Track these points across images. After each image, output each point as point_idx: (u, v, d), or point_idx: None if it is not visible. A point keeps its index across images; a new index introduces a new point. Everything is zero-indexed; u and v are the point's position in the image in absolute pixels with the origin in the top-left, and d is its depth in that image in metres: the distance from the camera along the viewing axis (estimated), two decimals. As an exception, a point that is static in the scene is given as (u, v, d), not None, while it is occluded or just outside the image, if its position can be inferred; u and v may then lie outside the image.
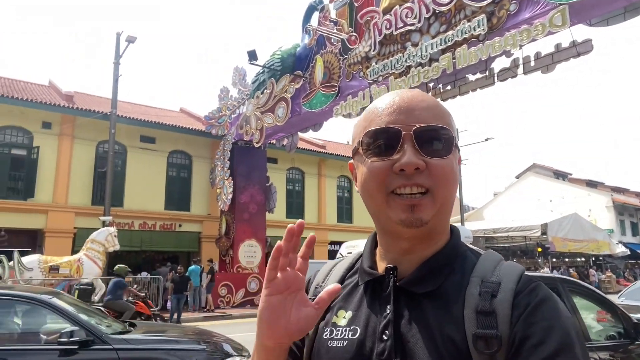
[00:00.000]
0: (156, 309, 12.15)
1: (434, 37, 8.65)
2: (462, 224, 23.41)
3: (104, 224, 12.67)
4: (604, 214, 29.95)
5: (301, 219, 0.71)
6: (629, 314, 3.59)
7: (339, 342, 0.76)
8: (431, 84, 9.01)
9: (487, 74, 8.27)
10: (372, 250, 0.84)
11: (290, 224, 0.67)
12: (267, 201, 16.14)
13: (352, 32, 10.78)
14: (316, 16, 12.32)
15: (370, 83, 9.99)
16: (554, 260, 23.08)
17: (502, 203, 33.51)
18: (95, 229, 12.10)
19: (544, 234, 20.28)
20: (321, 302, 0.69)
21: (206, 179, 17.13)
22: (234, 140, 15.64)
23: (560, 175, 37.58)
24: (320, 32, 11.80)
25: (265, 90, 13.80)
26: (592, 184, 36.70)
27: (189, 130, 16.77)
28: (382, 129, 0.73)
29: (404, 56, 9.16)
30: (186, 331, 4.33)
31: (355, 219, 21.69)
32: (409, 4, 9.07)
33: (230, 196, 14.91)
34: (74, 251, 13.33)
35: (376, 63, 9.86)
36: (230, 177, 15.24)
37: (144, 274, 13.77)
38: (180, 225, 16.41)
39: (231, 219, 15.46)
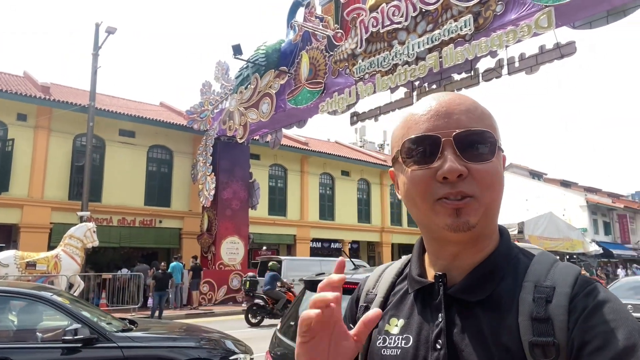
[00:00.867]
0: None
1: (420, 36, 8.70)
2: (442, 221, 23.67)
3: (81, 219, 12.37)
4: (578, 213, 30.74)
5: (342, 275, 0.67)
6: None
7: (392, 351, 0.75)
8: (417, 83, 9.07)
9: (472, 73, 8.36)
10: (421, 256, 0.82)
11: (320, 296, 0.62)
12: (250, 197, 16.03)
13: (338, 29, 10.76)
14: (301, 12, 12.25)
15: (356, 80, 10.00)
16: (530, 257, 23.55)
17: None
18: (72, 224, 11.81)
19: (520, 232, 20.70)
20: (360, 335, 0.66)
21: (187, 175, 16.91)
22: (216, 136, 15.47)
23: (536, 175, 38.39)
24: (305, 28, 11.74)
25: (250, 86, 13.67)
26: (566, 183, 37.61)
27: (170, 125, 16.52)
28: (421, 137, 0.71)
29: (390, 54, 9.19)
30: (186, 329, 4.25)
31: (337, 216, 21.74)
32: (395, 2, 9.10)
33: (212, 192, 14.75)
34: (50, 247, 12.99)
35: (362, 60, 9.87)
36: (213, 173, 15.08)
37: (124, 271, 13.51)
38: (160, 222, 16.16)
39: (213, 215, 15.30)
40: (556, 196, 31.52)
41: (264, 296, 10.37)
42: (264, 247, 17.96)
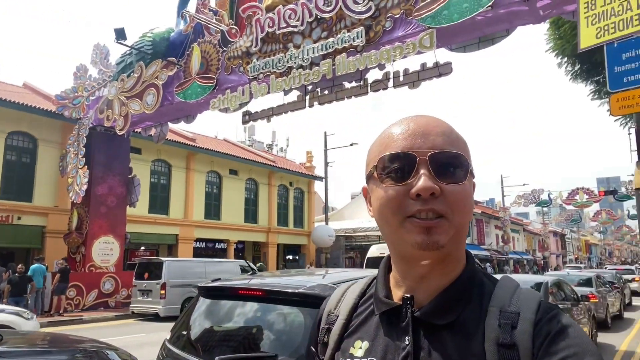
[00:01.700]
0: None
1: (315, 42, 8.89)
2: (327, 223, 24.53)
3: None
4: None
5: None
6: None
7: None
8: (310, 87, 9.25)
9: (362, 83, 8.78)
10: (386, 277, 0.81)
11: None
12: (128, 194, 14.90)
13: (232, 25, 10.53)
14: (194, 3, 11.76)
15: (250, 79, 9.87)
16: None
17: (359, 205, 35.96)
18: None
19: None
20: None
21: (54, 167, 15.16)
22: (91, 125, 14.12)
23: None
24: (198, 20, 11.29)
25: (133, 74, 12.73)
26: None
27: (35, 110, 14.64)
28: (398, 154, 0.72)
29: (285, 56, 9.25)
30: (50, 340, 3.73)
31: (223, 215, 21.24)
32: (292, 6, 9.18)
33: (84, 187, 13.40)
34: None
35: (257, 60, 9.78)
36: (86, 166, 13.71)
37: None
38: (19, 218, 14.27)
39: (84, 213, 13.93)
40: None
41: None
42: (142, 248, 16.83)
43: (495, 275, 0.84)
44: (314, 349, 0.86)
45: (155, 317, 10.98)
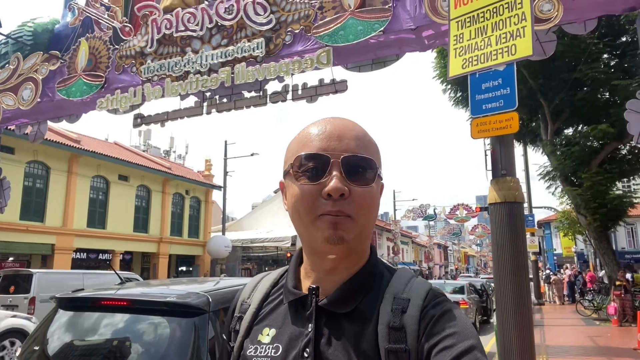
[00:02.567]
0: None
1: (215, 49, 8.76)
2: (223, 233, 23.97)
3: None
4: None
5: None
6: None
7: None
8: (208, 94, 9.07)
9: (262, 94, 8.82)
10: (297, 269, 0.87)
11: None
12: (-5, 198, 13.23)
13: (126, 22, 9.98)
14: (85, -5, 10.95)
15: (143, 81, 9.39)
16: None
17: (260, 215, 35.77)
18: None
19: (293, 244, 22.53)
20: None
21: None
22: (-48, 119, 12.36)
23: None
24: (87, 14, 10.52)
25: (8, 65, 11.44)
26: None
27: None
28: (313, 154, 0.78)
29: (182, 60, 8.98)
30: None
31: (109, 224, 19.75)
32: (192, 10, 8.97)
33: (-62, 189, 11.63)
34: None
35: (152, 61, 9.36)
36: (-58, 165, 11.92)
37: None
38: None
39: (-63, 219, 12.07)
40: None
41: None
42: (10, 258, 15.05)
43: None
44: (225, 336, 0.90)
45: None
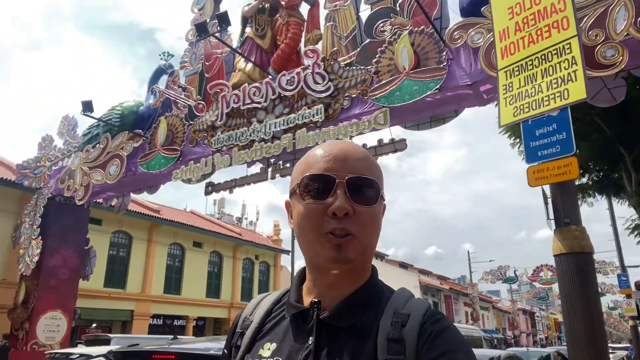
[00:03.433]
0: None
1: (277, 117, 9.27)
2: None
3: None
4: (414, 293, 33.71)
5: None
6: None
7: None
8: (272, 160, 9.48)
9: (322, 157, 9.08)
10: (299, 285, 0.90)
11: None
12: (82, 266, 14.30)
13: (200, 100, 10.91)
14: (164, 79, 12.21)
15: (213, 151, 10.06)
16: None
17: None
18: None
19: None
20: None
21: (7, 238, 14.57)
22: (50, 195, 13.81)
23: (378, 256, 41.63)
24: (167, 95, 11.66)
25: (98, 145, 12.78)
26: (403, 265, 41.40)
27: (-7, 178, 14.35)
28: (319, 175, 0.82)
29: (248, 130, 9.56)
30: None
31: (184, 290, 20.45)
32: (257, 84, 9.66)
33: (35, 258, 12.81)
34: None
35: (221, 133, 10.05)
36: (40, 237, 13.21)
37: None
38: (-40, 292, 13.38)
39: (33, 286, 13.19)
40: (396, 276, 34.36)
41: None
42: (94, 325, 15.86)
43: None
44: (227, 351, 0.92)
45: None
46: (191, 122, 10.93)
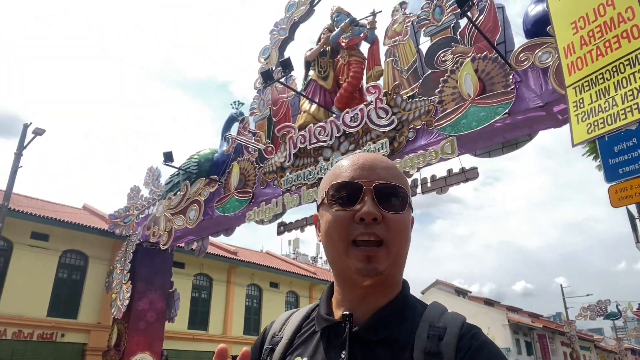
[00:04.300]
0: None
1: (343, 154, 9.36)
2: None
3: (-33, 331, 10.86)
4: (501, 331, 31.41)
5: (223, 346, 0.75)
6: None
7: None
8: (340, 197, 9.52)
9: (391, 191, 8.97)
10: (329, 299, 0.89)
11: (222, 345, 0.71)
12: (168, 309, 14.98)
13: (269, 144, 11.35)
14: (236, 126, 12.89)
15: (283, 191, 10.33)
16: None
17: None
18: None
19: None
20: None
21: (101, 283, 15.70)
22: (138, 242, 14.81)
23: (461, 293, 39.49)
24: (238, 141, 12.26)
25: (179, 192, 13.62)
26: (489, 302, 38.84)
27: (88, 228, 15.68)
28: (347, 183, 0.82)
29: (316, 169, 9.73)
30: None
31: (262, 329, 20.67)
32: (322, 124, 9.89)
33: (126, 302, 13.66)
34: None
35: (290, 173, 10.32)
36: (129, 281, 14.11)
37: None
38: (62, 335, 14.50)
39: (124, 328, 13.99)
40: (480, 314, 32.27)
41: None
42: (180, 366, 16.40)
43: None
44: None
45: None
46: (261, 165, 11.36)
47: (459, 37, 8.46)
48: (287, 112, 11.42)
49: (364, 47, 10.35)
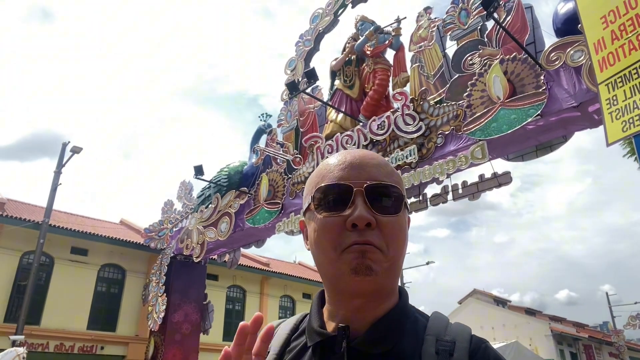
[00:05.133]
0: None
1: (371, 163, 9.28)
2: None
3: (13, 344, 11.26)
4: (544, 342, 30.18)
5: (259, 312, 0.69)
6: None
7: None
8: (369, 206, 9.41)
9: (421, 198, 8.80)
10: (320, 310, 0.81)
11: (243, 322, 0.65)
12: (202, 321, 15.14)
13: (297, 154, 11.38)
14: (264, 138, 13.01)
15: (312, 202, 10.30)
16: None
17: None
18: (4, 349, 10.71)
19: None
20: (261, 352, 0.68)
21: (138, 296, 16.05)
22: (172, 255, 15.09)
23: (500, 302, 38.27)
24: (267, 153, 12.36)
25: (210, 205, 13.81)
26: (530, 312, 37.46)
27: (125, 243, 16.11)
28: (334, 185, 0.73)
29: (344, 178, 9.66)
30: None
31: (296, 343, 20.62)
32: (349, 133, 9.84)
33: (162, 314, 13.90)
34: (-31, 377, 11.55)
35: (318, 184, 10.29)
36: (165, 294, 14.36)
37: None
38: (102, 348, 14.86)
39: (160, 341, 14.22)
40: (521, 324, 31.14)
41: None
42: (215, 378, 16.51)
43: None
44: None
45: None
46: (290, 176, 11.40)
47: (486, 39, 8.28)
48: (314, 122, 11.44)
49: (390, 54, 10.28)
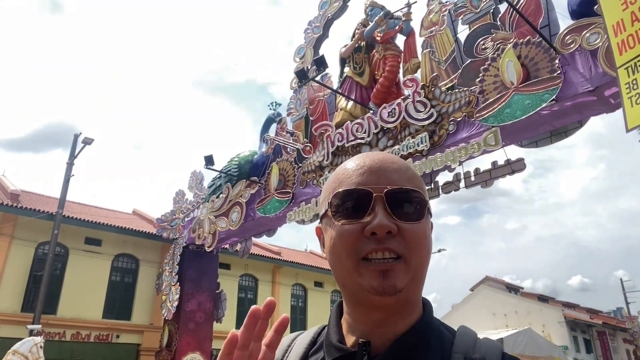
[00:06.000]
0: None
1: (382, 150, 9.18)
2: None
3: (30, 333, 11.48)
4: (557, 329, 30.05)
5: (271, 297, 0.64)
6: None
7: None
8: (380, 194, 9.35)
9: (432, 186, 8.71)
10: (338, 322, 0.77)
11: (255, 306, 0.61)
12: (215, 309, 15.29)
13: (307, 143, 11.32)
14: (274, 127, 12.95)
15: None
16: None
17: (459, 316, 33.23)
18: (22, 339, 10.93)
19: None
20: (273, 343, 0.65)
21: (152, 285, 16.23)
22: (185, 244, 15.21)
23: (513, 289, 38.13)
24: (277, 142, 12.32)
25: (221, 195, 13.85)
26: (543, 298, 37.29)
27: (138, 233, 16.26)
28: (352, 190, 0.70)
29: (354, 167, 9.60)
30: None
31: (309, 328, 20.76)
32: (359, 121, 9.75)
33: (175, 303, 14.05)
34: (-11, 365, 11.84)
35: (329, 172, 10.23)
36: (178, 283, 14.51)
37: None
38: (117, 336, 15.10)
39: (174, 329, 14.40)
40: (534, 311, 31.01)
41: None
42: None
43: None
44: None
45: None
46: (300, 165, 11.36)
47: (499, 23, 8.10)
48: (323, 110, 11.35)
49: (400, 40, 10.11)
